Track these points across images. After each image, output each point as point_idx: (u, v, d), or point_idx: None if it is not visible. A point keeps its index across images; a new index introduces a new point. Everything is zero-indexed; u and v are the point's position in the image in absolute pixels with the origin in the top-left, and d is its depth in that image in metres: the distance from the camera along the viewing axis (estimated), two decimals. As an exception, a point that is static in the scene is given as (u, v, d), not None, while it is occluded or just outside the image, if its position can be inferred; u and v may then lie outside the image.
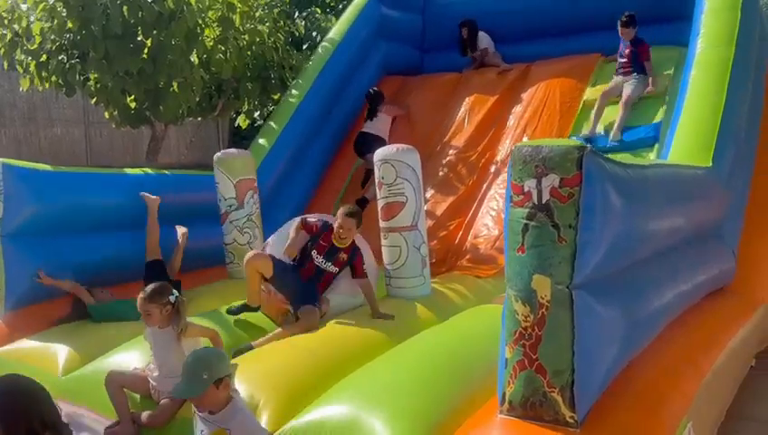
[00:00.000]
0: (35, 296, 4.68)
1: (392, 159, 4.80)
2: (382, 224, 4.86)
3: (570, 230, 2.42)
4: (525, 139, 6.64)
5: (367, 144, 7.14)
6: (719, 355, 3.61)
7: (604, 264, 2.62)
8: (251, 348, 3.95)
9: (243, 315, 4.39)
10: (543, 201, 2.45)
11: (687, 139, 4.71)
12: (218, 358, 2.79)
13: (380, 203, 4.87)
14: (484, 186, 6.69)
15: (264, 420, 3.13)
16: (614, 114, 6.38)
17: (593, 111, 6.45)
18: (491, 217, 6.35)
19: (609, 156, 2.74)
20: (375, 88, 7.69)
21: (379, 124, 7.40)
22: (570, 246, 2.43)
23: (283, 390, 3.31)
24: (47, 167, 5.18)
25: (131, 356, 3.83)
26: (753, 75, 5.37)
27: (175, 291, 3.62)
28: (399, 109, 7.74)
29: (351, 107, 8.04)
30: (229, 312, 4.37)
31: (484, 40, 7.96)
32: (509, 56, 7.90)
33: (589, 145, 2.50)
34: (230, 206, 5.49)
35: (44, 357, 4.07)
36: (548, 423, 2.53)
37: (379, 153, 4.90)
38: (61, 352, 4.10)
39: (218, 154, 5.63)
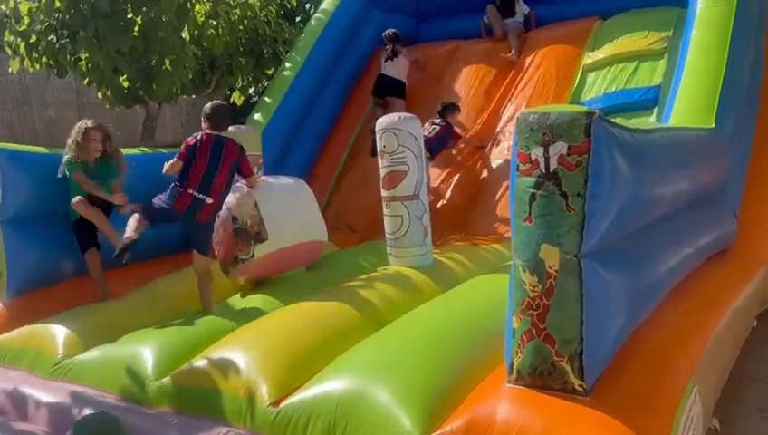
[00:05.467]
0: (38, 282, 4.66)
1: (394, 128, 4.76)
2: (384, 193, 4.83)
3: (578, 199, 2.38)
4: (523, 108, 6.57)
5: (386, 86, 7.33)
6: (722, 317, 3.60)
7: (612, 231, 2.59)
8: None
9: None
10: (551, 170, 2.40)
11: (690, 100, 4.66)
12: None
13: (382, 172, 4.84)
14: (483, 157, 6.65)
15: (264, 392, 3.09)
16: (612, 75, 6.38)
17: None
18: (490, 188, 6.31)
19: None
20: (393, 30, 7.65)
21: (400, 67, 7.43)
22: (578, 215, 2.39)
23: (285, 361, 3.28)
24: (43, 149, 5.12)
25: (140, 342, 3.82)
26: (755, 34, 5.30)
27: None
28: (418, 53, 7.72)
29: (347, 79, 7.95)
30: None
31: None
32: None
33: (597, 110, 2.44)
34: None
35: (45, 341, 4.05)
36: (557, 392, 2.52)
37: (381, 122, 4.86)
38: (60, 335, 4.06)
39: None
